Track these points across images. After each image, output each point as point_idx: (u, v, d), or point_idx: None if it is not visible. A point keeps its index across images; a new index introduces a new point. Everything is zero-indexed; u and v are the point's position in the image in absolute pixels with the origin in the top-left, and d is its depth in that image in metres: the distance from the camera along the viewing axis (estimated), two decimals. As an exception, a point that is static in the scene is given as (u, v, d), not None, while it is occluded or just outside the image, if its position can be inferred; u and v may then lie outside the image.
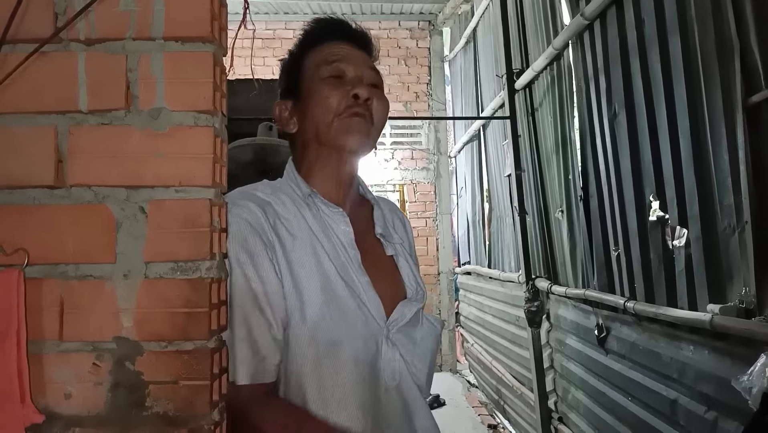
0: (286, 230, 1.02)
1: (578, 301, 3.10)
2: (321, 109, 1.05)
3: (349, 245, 1.05)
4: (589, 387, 2.98)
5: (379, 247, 1.13)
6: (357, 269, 1.03)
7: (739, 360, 1.71)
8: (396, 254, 1.14)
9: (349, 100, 1.04)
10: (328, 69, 1.06)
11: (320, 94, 1.05)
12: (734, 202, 1.81)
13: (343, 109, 1.04)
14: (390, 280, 1.10)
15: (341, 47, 1.09)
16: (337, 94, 1.04)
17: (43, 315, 0.83)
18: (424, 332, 1.09)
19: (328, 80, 1.06)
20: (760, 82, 1.70)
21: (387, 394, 1.00)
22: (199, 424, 0.83)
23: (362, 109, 1.05)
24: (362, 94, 1.05)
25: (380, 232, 1.14)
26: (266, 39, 6.44)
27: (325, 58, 1.07)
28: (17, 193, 0.84)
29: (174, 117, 0.85)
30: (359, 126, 1.05)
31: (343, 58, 1.07)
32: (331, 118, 1.04)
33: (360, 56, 1.10)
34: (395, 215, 1.24)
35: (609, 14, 2.64)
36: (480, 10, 5.13)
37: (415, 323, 1.09)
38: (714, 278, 1.95)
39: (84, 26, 0.85)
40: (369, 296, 1.02)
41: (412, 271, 1.15)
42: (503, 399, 4.71)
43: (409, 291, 1.11)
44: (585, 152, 3.02)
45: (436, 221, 6.78)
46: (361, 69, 1.08)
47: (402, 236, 1.20)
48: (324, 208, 1.06)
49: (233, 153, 1.95)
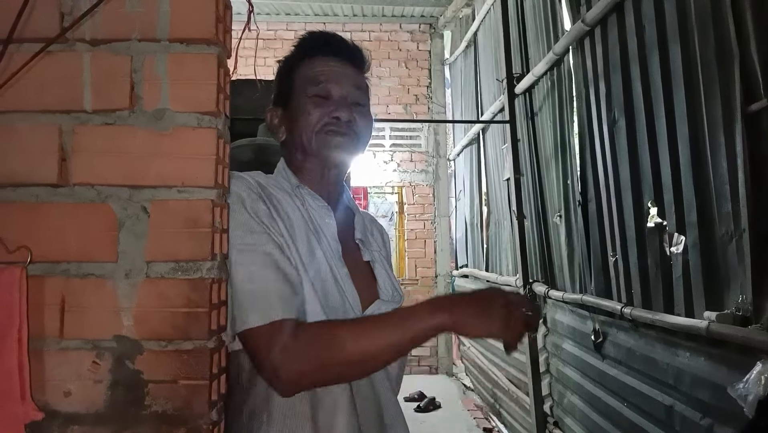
0: (282, 209, 1.06)
1: (575, 306, 3.11)
2: (303, 123, 1.11)
3: (332, 237, 1.10)
4: (584, 392, 2.99)
5: (357, 251, 1.17)
6: (338, 261, 1.08)
7: (735, 367, 1.72)
8: (373, 260, 1.18)
9: (330, 119, 1.10)
10: (315, 89, 1.12)
11: (305, 110, 1.11)
12: (732, 209, 1.82)
13: (321, 127, 1.10)
14: (365, 280, 1.13)
15: (330, 65, 1.14)
16: (318, 112, 1.10)
17: (45, 313, 0.83)
18: None
19: (314, 99, 1.11)
20: (759, 91, 1.70)
21: (357, 386, 1.03)
22: (197, 423, 0.83)
23: (344, 128, 1.11)
24: (343, 117, 1.10)
25: (359, 237, 1.18)
26: (268, 39, 6.45)
27: (314, 77, 1.12)
28: (21, 190, 0.84)
29: (177, 118, 0.86)
30: (337, 142, 1.11)
31: (330, 78, 1.12)
32: (311, 134, 1.10)
33: (348, 73, 1.15)
34: (374, 226, 1.30)
35: (609, 20, 2.65)
36: (481, 14, 5.14)
37: None
38: (711, 285, 1.95)
39: (90, 27, 0.85)
40: (347, 286, 1.07)
41: (390, 277, 1.19)
42: (499, 403, 4.72)
43: (384, 294, 1.15)
44: (584, 157, 3.03)
45: (435, 223, 6.79)
46: (346, 89, 1.13)
47: (380, 245, 1.25)
48: (310, 200, 1.11)
49: (233, 153, 1.94)
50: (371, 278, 1.16)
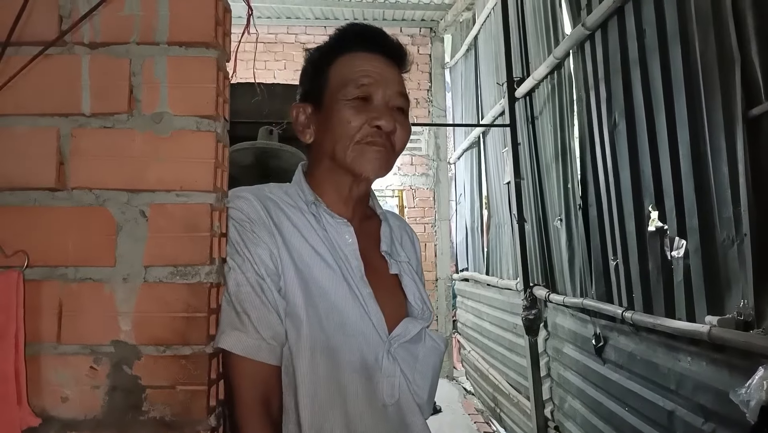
0: (293, 228, 0.99)
1: (576, 310, 3.10)
2: (340, 131, 1.00)
3: (353, 256, 1.02)
4: (585, 396, 2.97)
5: (384, 264, 1.09)
6: (360, 281, 1.00)
7: (737, 372, 1.71)
8: (401, 272, 1.10)
9: (371, 128, 1.00)
10: (356, 91, 1.01)
11: (342, 115, 1.00)
12: (733, 214, 1.81)
13: (362, 137, 1.00)
14: (393, 297, 1.06)
15: (373, 63, 1.03)
16: (359, 120, 1.00)
17: (42, 317, 0.83)
18: (426, 349, 1.05)
19: (354, 102, 1.01)
20: (760, 95, 1.70)
21: (385, 411, 0.97)
22: (195, 429, 0.83)
23: (383, 139, 1.01)
24: (386, 127, 1.00)
25: (385, 249, 1.10)
26: (268, 43, 6.45)
27: (355, 79, 1.02)
28: (18, 194, 0.84)
29: (176, 121, 0.85)
30: (377, 155, 1.01)
31: (373, 81, 1.02)
32: (349, 143, 1.00)
33: (391, 76, 1.05)
34: (404, 232, 1.21)
35: (610, 24, 2.64)
36: (482, 18, 5.14)
37: (418, 340, 1.05)
38: (712, 290, 1.95)
39: (88, 30, 0.85)
40: (371, 307, 0.99)
41: (419, 290, 1.10)
42: (499, 407, 4.70)
43: (414, 311, 1.07)
44: (584, 161, 3.02)
45: (435, 226, 6.79)
46: (389, 93, 1.03)
47: (409, 254, 1.16)
48: (328, 217, 1.03)
49: (234, 156, 1.94)
50: (400, 292, 1.08)
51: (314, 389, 0.93)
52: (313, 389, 0.93)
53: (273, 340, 0.92)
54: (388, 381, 0.98)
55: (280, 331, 0.93)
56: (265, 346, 0.91)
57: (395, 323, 1.02)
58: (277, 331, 0.93)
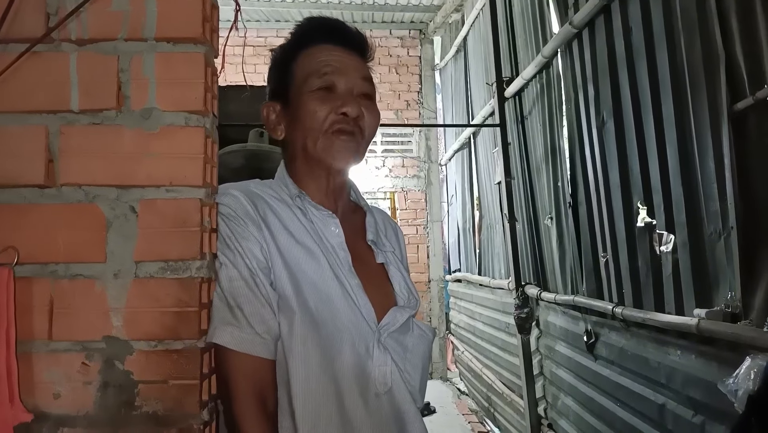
0: (279, 222, 1.01)
1: (567, 307, 3.12)
2: (308, 123, 1.02)
3: (340, 247, 1.03)
4: (578, 393, 2.99)
5: (370, 254, 1.10)
6: (348, 272, 1.01)
7: (725, 364, 1.72)
8: (387, 262, 1.11)
9: (337, 116, 1.02)
10: (319, 81, 1.03)
11: (308, 107, 1.02)
12: (720, 208, 1.83)
13: (329, 125, 1.02)
14: (380, 287, 1.07)
15: (334, 54, 1.05)
16: (324, 109, 1.02)
17: (33, 314, 0.83)
18: (415, 339, 1.07)
19: (318, 93, 1.03)
20: (745, 89, 1.72)
21: (378, 400, 0.98)
22: (188, 424, 0.83)
23: (351, 126, 1.03)
24: (351, 112, 1.02)
25: (371, 239, 1.11)
26: (257, 47, 6.45)
27: (317, 69, 1.03)
28: (7, 192, 0.84)
29: (165, 117, 0.86)
30: (346, 144, 1.03)
31: (335, 69, 1.04)
32: (318, 134, 1.02)
33: (353, 63, 1.07)
34: (388, 224, 1.22)
35: (597, 23, 2.67)
36: (470, 20, 5.17)
37: (406, 330, 1.06)
38: (700, 283, 1.97)
39: (76, 26, 0.85)
40: (360, 298, 1.00)
41: (405, 279, 1.12)
42: (493, 406, 4.71)
43: (401, 299, 1.08)
44: (574, 160, 3.04)
45: (427, 228, 6.80)
46: (352, 80, 1.05)
47: (394, 245, 1.18)
48: (313, 210, 1.05)
49: (224, 159, 1.95)
50: (386, 282, 1.09)
51: (307, 381, 0.94)
52: (306, 382, 0.94)
53: (267, 334, 0.93)
54: (380, 370, 0.99)
55: (274, 325, 0.94)
56: (259, 340, 0.92)
57: (383, 312, 1.04)
58: (271, 325, 0.94)
